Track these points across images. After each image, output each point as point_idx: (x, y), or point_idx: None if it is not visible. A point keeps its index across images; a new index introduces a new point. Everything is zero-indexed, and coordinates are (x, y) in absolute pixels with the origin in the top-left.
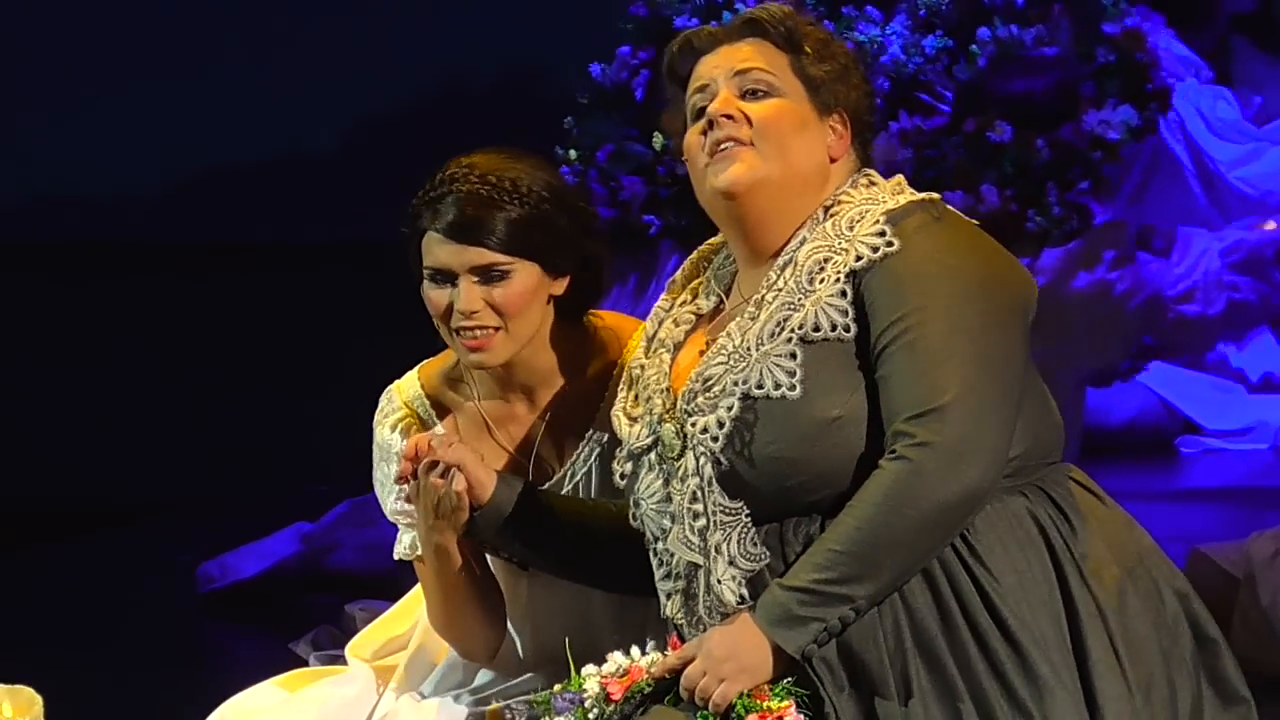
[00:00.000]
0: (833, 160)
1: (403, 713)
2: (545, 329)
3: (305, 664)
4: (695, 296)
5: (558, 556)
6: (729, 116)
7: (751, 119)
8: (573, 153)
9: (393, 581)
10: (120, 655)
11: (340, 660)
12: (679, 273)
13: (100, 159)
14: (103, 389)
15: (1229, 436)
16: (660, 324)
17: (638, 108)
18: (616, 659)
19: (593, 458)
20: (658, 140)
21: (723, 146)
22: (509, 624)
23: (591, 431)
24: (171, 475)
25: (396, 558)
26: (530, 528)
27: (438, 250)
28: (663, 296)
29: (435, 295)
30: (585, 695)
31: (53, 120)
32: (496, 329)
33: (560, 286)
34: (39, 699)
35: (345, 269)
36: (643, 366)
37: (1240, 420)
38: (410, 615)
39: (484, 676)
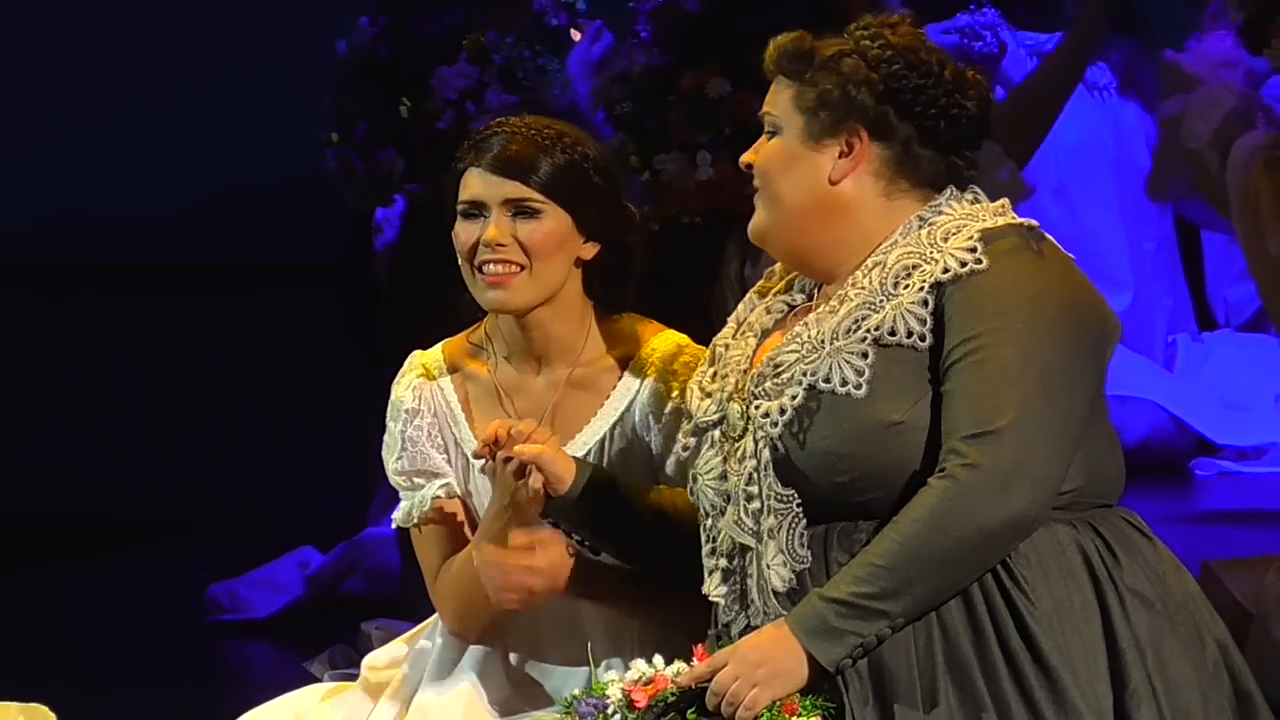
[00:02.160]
0: (834, 183)
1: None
2: (570, 295)
3: (320, 682)
4: (790, 289)
5: (630, 545)
6: (748, 166)
7: (755, 166)
8: (335, 135)
9: (405, 604)
10: (134, 673)
11: (355, 679)
12: (777, 264)
13: (119, 178)
14: (120, 408)
15: (1244, 458)
16: (752, 309)
17: (385, 78)
18: (640, 666)
19: (593, 442)
20: (404, 108)
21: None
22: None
23: (595, 421)
24: (189, 494)
25: (395, 525)
26: (605, 517)
27: (474, 183)
28: (759, 283)
29: (464, 231)
30: (608, 701)
31: (71, 140)
32: (521, 268)
33: (589, 251)
34: (53, 717)
35: (364, 288)
36: (727, 346)
37: (1254, 438)
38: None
39: (466, 671)
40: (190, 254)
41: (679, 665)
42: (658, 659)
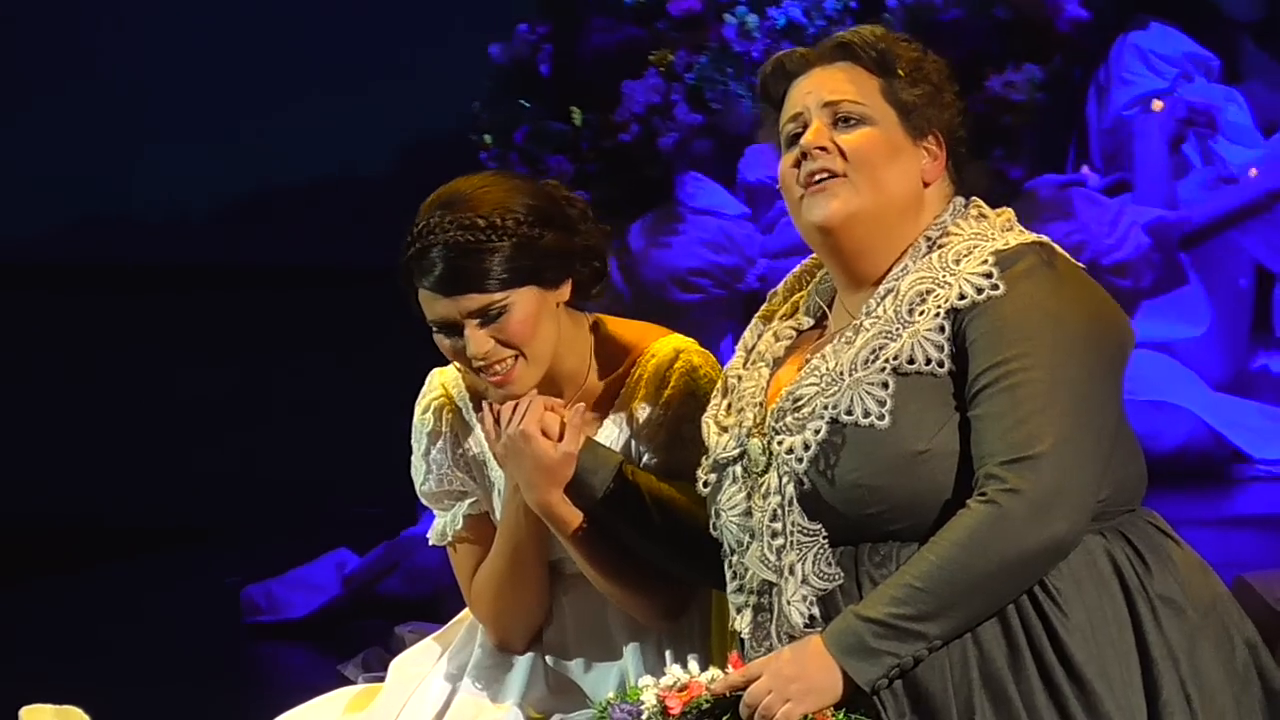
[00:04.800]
0: (926, 185)
1: None
2: (566, 333)
3: (352, 685)
4: (796, 311)
5: (654, 537)
6: (822, 149)
7: (844, 150)
8: (487, 137)
9: (441, 605)
10: (169, 676)
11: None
12: (781, 285)
13: (150, 181)
14: (151, 409)
15: (1278, 465)
16: (759, 336)
17: (546, 84)
18: (675, 672)
19: None
20: (576, 116)
21: (817, 179)
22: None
23: (602, 428)
24: (222, 496)
25: (431, 543)
26: (630, 506)
27: (434, 306)
28: (763, 307)
29: (447, 344)
30: (642, 707)
31: (103, 144)
32: (516, 358)
33: (564, 293)
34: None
35: (395, 291)
36: (740, 377)
37: None
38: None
39: (507, 675)
40: (227, 255)
41: (714, 672)
42: (693, 665)
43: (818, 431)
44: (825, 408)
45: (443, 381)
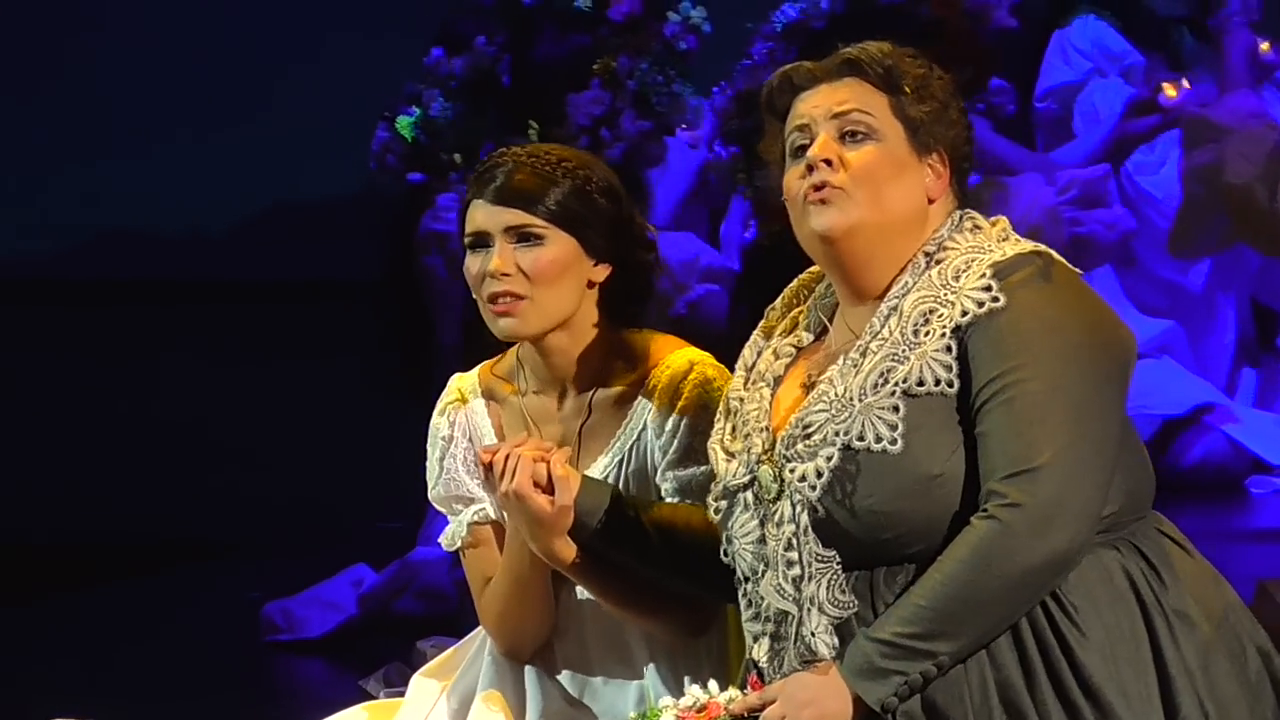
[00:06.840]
0: (931, 201)
1: None
2: (585, 319)
3: (371, 700)
4: (795, 327)
5: (653, 561)
6: (827, 162)
7: (849, 165)
8: (457, 156)
9: (460, 622)
10: (190, 690)
11: None
12: (779, 300)
13: (172, 197)
14: (172, 424)
15: None
16: (759, 354)
17: (506, 96)
18: (694, 693)
19: (610, 466)
20: (534, 131)
21: (819, 188)
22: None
23: (614, 442)
24: (242, 511)
25: (444, 548)
26: (625, 536)
27: (477, 214)
28: (761, 323)
29: (473, 263)
30: None
31: (126, 160)
32: (525, 297)
33: (599, 273)
34: None
35: (414, 304)
36: (741, 399)
37: None
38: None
39: (515, 690)
40: (248, 270)
41: (733, 692)
42: (712, 684)
43: (830, 458)
44: (837, 434)
45: (459, 386)
